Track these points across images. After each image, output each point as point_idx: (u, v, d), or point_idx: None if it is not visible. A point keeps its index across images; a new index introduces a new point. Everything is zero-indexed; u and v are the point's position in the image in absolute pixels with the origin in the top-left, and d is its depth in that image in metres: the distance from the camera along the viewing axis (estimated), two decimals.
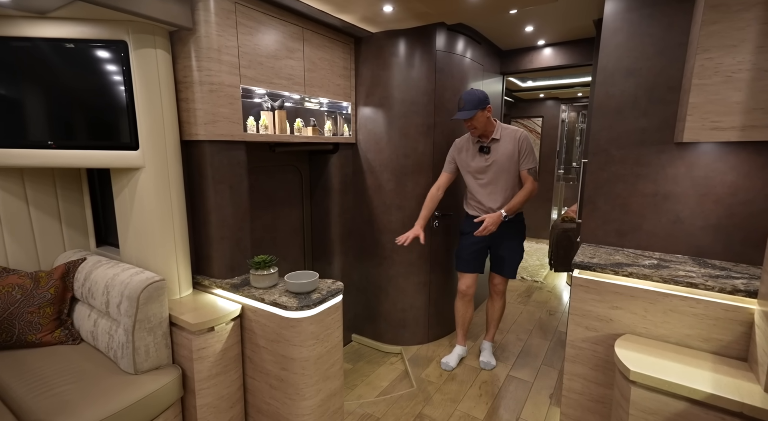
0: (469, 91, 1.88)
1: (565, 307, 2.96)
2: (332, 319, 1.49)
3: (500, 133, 1.93)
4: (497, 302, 2.16)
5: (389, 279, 2.31)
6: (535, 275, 3.70)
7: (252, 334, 1.50)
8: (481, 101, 1.84)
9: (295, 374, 1.41)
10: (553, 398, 1.85)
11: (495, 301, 2.16)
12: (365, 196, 2.29)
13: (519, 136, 1.91)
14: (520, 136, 1.91)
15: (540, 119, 5.08)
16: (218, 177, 1.57)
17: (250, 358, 1.53)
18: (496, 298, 2.15)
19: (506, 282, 2.12)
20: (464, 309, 2.15)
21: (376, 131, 2.19)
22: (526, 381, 2.00)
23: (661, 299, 1.22)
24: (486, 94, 1.87)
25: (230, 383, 1.48)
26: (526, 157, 1.90)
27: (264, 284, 1.51)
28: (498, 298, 2.15)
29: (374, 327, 2.41)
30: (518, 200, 1.92)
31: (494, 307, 2.18)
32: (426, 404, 1.83)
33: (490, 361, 2.14)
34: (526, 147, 1.89)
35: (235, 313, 1.47)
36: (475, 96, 1.84)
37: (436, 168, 2.22)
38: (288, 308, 1.37)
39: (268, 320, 1.43)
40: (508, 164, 1.92)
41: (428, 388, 1.95)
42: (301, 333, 1.38)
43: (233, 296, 1.56)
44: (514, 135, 1.91)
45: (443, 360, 2.15)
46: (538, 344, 2.38)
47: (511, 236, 2.03)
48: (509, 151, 1.91)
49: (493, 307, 2.18)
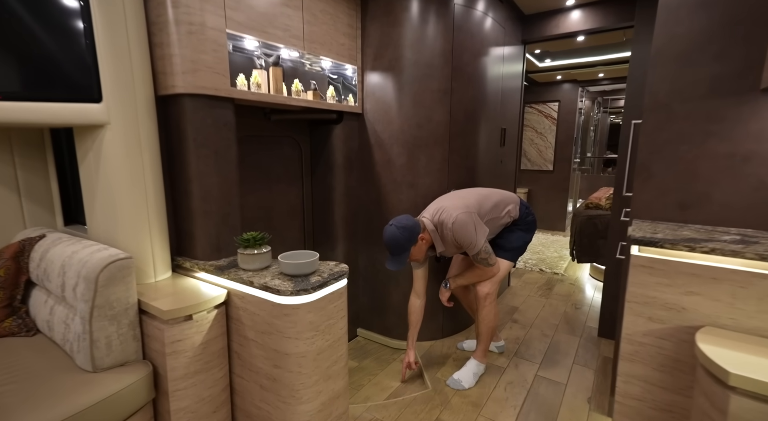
0: (389, 234, 1.52)
1: (591, 300, 2.70)
2: (335, 307, 1.24)
3: (441, 243, 1.62)
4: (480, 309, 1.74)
5: None
6: (555, 267, 3.43)
7: (240, 325, 1.26)
8: (409, 238, 1.52)
9: (290, 373, 1.16)
10: (592, 403, 1.59)
11: (478, 307, 1.76)
12: (373, 173, 2.03)
13: (450, 235, 1.57)
14: (450, 234, 1.56)
15: (556, 104, 4.79)
16: (201, 139, 1.32)
17: (237, 353, 1.29)
18: (477, 303, 1.75)
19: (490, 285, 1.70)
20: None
21: (386, 99, 1.93)
22: (558, 382, 1.74)
23: (756, 283, 0.95)
24: (410, 224, 1.54)
25: (213, 382, 1.24)
26: (465, 246, 1.58)
27: (254, 265, 1.27)
28: (479, 303, 1.73)
29: (383, 321, 2.16)
30: (462, 281, 1.77)
31: (477, 316, 1.78)
32: (444, 408, 1.58)
33: (460, 380, 1.73)
34: (460, 237, 1.55)
35: (218, 299, 1.23)
36: (397, 239, 1.51)
37: (452, 140, 1.96)
38: (281, 292, 1.12)
39: (258, 307, 1.19)
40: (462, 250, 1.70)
41: (445, 389, 1.70)
42: (297, 323, 1.13)
43: (218, 280, 1.31)
44: (447, 234, 1.57)
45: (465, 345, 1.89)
46: (567, 341, 2.12)
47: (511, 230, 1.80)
48: (458, 246, 1.63)
49: (477, 316, 1.79)
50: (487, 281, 1.69)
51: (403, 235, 1.51)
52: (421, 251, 1.60)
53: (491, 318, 1.72)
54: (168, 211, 1.39)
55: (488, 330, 1.73)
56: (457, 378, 1.74)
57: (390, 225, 1.54)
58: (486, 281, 1.69)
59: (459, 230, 1.55)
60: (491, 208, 1.67)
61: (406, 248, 1.53)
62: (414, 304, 1.77)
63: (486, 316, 1.71)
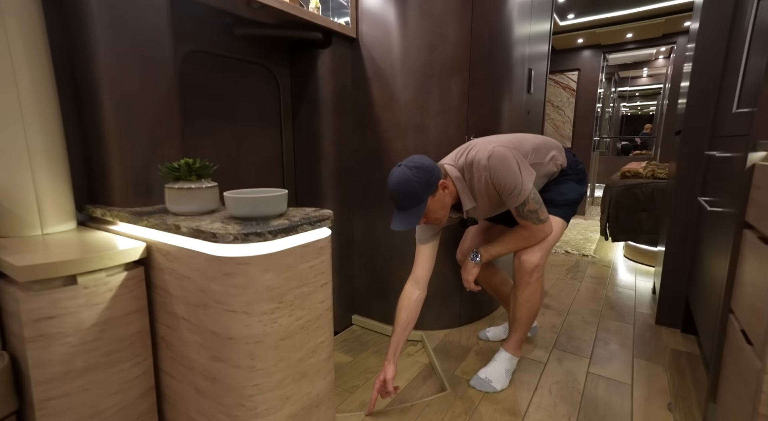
0: (397, 177, 1.07)
1: (635, 284, 2.25)
2: (311, 269, 0.80)
3: (471, 197, 1.19)
4: (522, 287, 1.27)
5: (405, 237, 1.62)
6: (583, 249, 2.99)
7: (166, 296, 0.82)
8: (425, 183, 1.07)
9: (236, 369, 0.73)
10: (677, 411, 1.16)
11: (518, 284, 1.29)
12: (371, 115, 1.60)
13: (485, 177, 1.13)
14: (486, 175, 1.13)
15: (575, 73, 4.34)
16: (116, 22, 0.88)
17: (165, 340, 0.86)
18: (519, 278, 1.27)
19: (540, 252, 1.23)
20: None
21: (386, 17, 1.49)
22: (621, 382, 1.30)
23: None
24: (426, 163, 1.09)
25: (122, 385, 0.81)
26: (506, 195, 1.14)
27: (189, 206, 0.83)
28: (522, 278, 1.26)
29: (384, 305, 1.72)
30: (499, 250, 1.27)
31: (516, 295, 1.30)
32: (469, 417, 1.15)
33: (489, 379, 1.29)
34: (499, 179, 1.12)
35: (129, 255, 0.79)
36: (409, 183, 1.05)
37: (474, 69, 1.52)
38: (219, 237, 0.69)
39: (189, 266, 0.75)
40: (503, 208, 1.27)
41: (469, 392, 1.27)
42: (246, 288, 0.70)
43: (135, 230, 0.88)
44: (481, 178, 1.15)
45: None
46: (618, 330, 1.68)
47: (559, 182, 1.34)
48: (494, 202, 1.21)
49: (515, 295, 1.30)
50: (536, 248, 1.23)
51: (417, 177, 1.06)
52: (444, 205, 1.13)
53: (536, 299, 1.27)
54: (70, 138, 0.96)
55: (529, 315, 1.29)
56: (485, 377, 1.30)
57: (399, 166, 1.09)
58: (534, 246, 1.23)
59: (498, 167, 1.10)
60: (532, 151, 1.23)
61: (421, 198, 1.07)
62: (409, 295, 1.26)
63: (531, 296, 1.26)
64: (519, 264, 1.25)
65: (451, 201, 1.16)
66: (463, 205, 1.19)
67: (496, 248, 1.27)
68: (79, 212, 0.99)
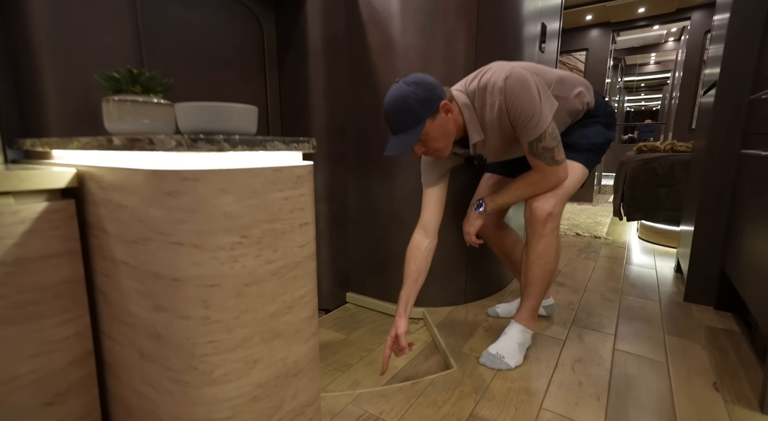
0: (393, 93, 0.92)
1: (654, 264, 2.08)
2: (286, 200, 0.63)
3: (479, 128, 1.01)
4: (534, 241, 1.09)
5: (406, 201, 1.45)
6: (594, 231, 2.81)
7: (103, 237, 0.65)
8: (424, 101, 0.91)
9: (185, 321, 0.56)
10: (725, 391, 0.98)
11: (530, 238, 1.10)
12: (367, 64, 1.42)
13: (499, 102, 0.95)
14: (501, 100, 0.94)
15: (583, 54, 4.16)
16: None
17: (103, 293, 0.69)
18: (531, 230, 1.09)
19: (554, 200, 1.05)
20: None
21: None
22: (654, 360, 1.13)
23: None
24: (427, 81, 0.93)
25: (43, 347, 0.63)
26: (521, 126, 0.96)
27: (131, 124, 0.66)
28: (534, 229, 1.07)
29: (382, 280, 1.55)
30: (507, 198, 1.11)
31: (528, 252, 1.12)
32: (480, 397, 0.98)
33: (501, 355, 1.11)
34: (515, 105, 0.94)
35: (51, 180, 0.62)
36: (406, 99, 0.90)
37: (483, 9, 1.34)
38: (159, 143, 0.52)
39: (125, 190, 0.58)
40: (517, 148, 1.09)
41: (479, 370, 1.10)
42: (195, 212, 0.53)
43: (66, 156, 0.71)
44: (494, 104, 0.96)
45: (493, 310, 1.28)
46: (643, 307, 1.51)
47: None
48: (507, 137, 1.03)
49: (527, 253, 1.12)
50: (549, 194, 1.06)
51: (416, 94, 0.90)
52: (446, 133, 0.98)
53: (550, 256, 1.09)
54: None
55: (544, 277, 1.11)
56: (496, 353, 1.12)
57: (397, 81, 0.94)
58: (547, 193, 1.06)
59: (515, 91, 0.92)
60: (556, 81, 1.05)
61: (419, 118, 0.92)
62: (417, 245, 1.13)
63: (544, 252, 1.08)
64: (530, 213, 1.08)
65: (454, 129, 1.00)
66: (470, 138, 1.02)
67: (503, 196, 1.11)
68: (11, 149, 0.82)
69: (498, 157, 1.14)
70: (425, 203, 1.16)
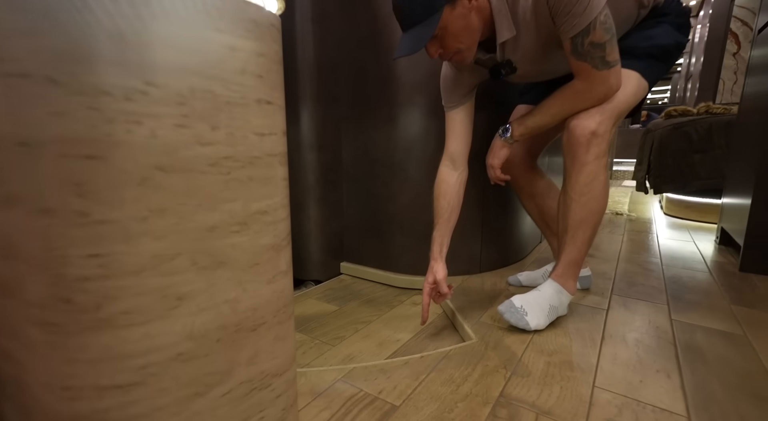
0: None
1: (691, 237, 1.84)
2: (232, 51, 0.38)
3: (510, 23, 0.77)
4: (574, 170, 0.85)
5: (410, 150, 1.21)
6: (615, 208, 2.58)
7: None
8: None
9: (44, 218, 0.32)
10: None
11: (570, 169, 0.86)
12: None
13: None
14: None
15: None
16: None
17: None
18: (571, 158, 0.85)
19: (601, 116, 0.80)
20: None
21: None
22: (729, 333, 0.89)
23: None
24: None
25: None
26: (563, 16, 0.72)
27: None
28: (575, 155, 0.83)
29: (382, 246, 1.32)
30: (540, 118, 0.88)
31: (567, 189, 0.88)
32: (511, 373, 0.74)
33: (523, 310, 0.88)
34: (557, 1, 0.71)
35: None
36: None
37: None
38: None
39: None
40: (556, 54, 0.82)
41: (505, 341, 0.86)
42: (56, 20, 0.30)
43: None
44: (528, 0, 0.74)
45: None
46: (693, 277, 1.27)
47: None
48: (544, 38, 0.79)
49: (565, 190, 0.88)
50: (593, 110, 0.81)
51: None
52: (468, 27, 0.75)
53: (597, 191, 0.84)
54: None
55: (589, 218, 0.86)
56: (521, 306, 0.88)
57: None
58: (592, 109, 0.82)
59: None
60: None
61: (435, 5, 0.70)
62: (445, 179, 0.96)
63: (588, 185, 0.83)
64: (569, 136, 0.83)
65: (479, 23, 0.77)
66: (498, 36, 0.79)
67: (534, 116, 0.88)
68: None
69: (531, 70, 0.90)
70: (449, 129, 0.97)
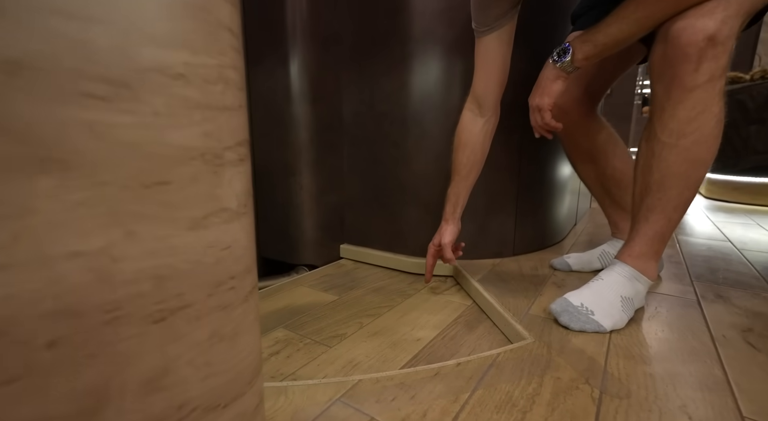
0: None
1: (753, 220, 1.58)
2: None
3: None
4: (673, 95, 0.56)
5: (425, 101, 0.96)
6: None
7: None
8: None
9: None
10: None
11: (664, 100, 0.57)
12: None
13: None
14: None
15: None
16: None
17: None
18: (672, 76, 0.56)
19: (721, 12, 0.52)
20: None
21: None
22: None
23: None
24: None
25: None
26: None
27: None
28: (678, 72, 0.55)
29: (390, 224, 1.06)
30: (617, 27, 0.59)
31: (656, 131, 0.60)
32: (601, 392, 0.49)
33: (591, 310, 0.62)
34: None
35: None
36: None
37: None
38: None
39: None
40: None
41: (573, 342, 0.60)
42: None
43: None
44: None
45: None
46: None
47: None
48: None
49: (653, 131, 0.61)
50: (713, 3, 0.52)
51: None
52: None
53: (707, 130, 0.57)
54: None
55: (690, 172, 0.60)
56: (581, 303, 0.64)
57: None
58: (708, 2, 0.53)
59: None
60: None
61: None
62: (468, 126, 0.77)
63: (692, 121, 0.55)
64: (670, 45, 0.54)
65: None
66: None
67: (610, 26, 0.59)
68: None
69: None
70: (479, 62, 0.72)
